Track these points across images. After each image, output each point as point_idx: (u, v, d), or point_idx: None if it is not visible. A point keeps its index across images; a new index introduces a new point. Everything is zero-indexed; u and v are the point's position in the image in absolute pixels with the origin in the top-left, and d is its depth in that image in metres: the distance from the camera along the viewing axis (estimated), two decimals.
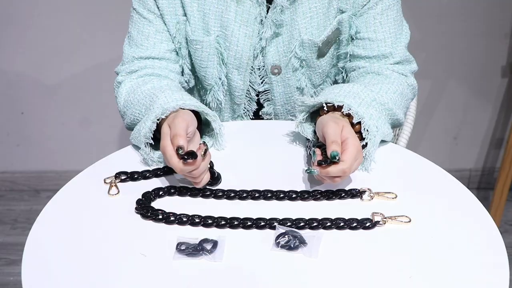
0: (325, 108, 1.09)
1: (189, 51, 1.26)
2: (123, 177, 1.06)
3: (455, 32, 2.12)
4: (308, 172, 1.00)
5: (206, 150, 1.00)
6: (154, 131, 1.07)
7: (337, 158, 0.97)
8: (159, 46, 1.24)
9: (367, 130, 1.07)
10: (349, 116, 1.08)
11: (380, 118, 1.11)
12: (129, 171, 1.07)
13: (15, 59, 2.17)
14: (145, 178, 1.07)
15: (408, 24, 1.28)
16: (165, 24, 1.23)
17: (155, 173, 1.08)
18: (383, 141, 1.15)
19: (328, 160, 0.98)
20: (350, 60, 1.27)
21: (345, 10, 1.21)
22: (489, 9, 2.08)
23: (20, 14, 2.08)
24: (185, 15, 1.23)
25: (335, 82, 1.34)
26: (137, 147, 1.14)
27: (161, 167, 1.09)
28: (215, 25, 1.21)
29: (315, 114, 1.14)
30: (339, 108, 1.08)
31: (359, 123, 1.07)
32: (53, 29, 2.10)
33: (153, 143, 1.09)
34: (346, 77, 1.30)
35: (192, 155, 0.97)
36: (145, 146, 1.09)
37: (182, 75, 1.29)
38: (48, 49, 2.15)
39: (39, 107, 2.27)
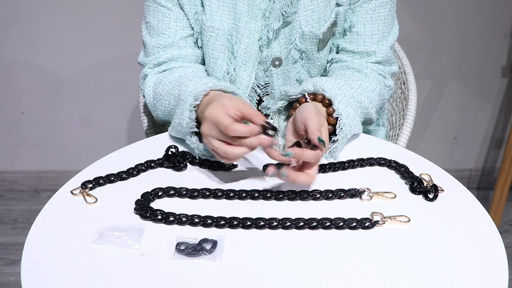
0: (307, 98, 1.12)
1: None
2: (90, 186, 1.04)
3: (455, 32, 2.12)
4: (284, 155, 1.00)
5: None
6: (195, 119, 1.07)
7: (323, 143, 0.99)
8: (181, 32, 1.25)
9: (341, 128, 1.10)
10: (327, 107, 1.11)
11: (355, 117, 1.15)
12: (92, 178, 1.05)
13: (15, 59, 2.17)
14: (111, 182, 1.06)
15: (399, 26, 1.29)
16: (184, 13, 1.25)
17: (120, 177, 1.07)
18: (380, 139, 1.14)
19: (311, 145, 1.00)
20: (337, 52, 1.30)
21: (341, 3, 1.24)
22: (489, 9, 2.08)
23: (20, 14, 2.08)
24: (202, 5, 1.24)
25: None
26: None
27: (143, 162, 1.09)
28: (229, 17, 1.23)
29: (292, 102, 1.17)
30: (319, 98, 1.12)
31: (336, 118, 1.10)
32: (53, 29, 2.10)
33: (197, 130, 1.08)
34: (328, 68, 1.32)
35: (273, 128, 1.00)
36: (191, 136, 1.09)
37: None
38: (48, 49, 2.15)
39: (39, 107, 2.27)
